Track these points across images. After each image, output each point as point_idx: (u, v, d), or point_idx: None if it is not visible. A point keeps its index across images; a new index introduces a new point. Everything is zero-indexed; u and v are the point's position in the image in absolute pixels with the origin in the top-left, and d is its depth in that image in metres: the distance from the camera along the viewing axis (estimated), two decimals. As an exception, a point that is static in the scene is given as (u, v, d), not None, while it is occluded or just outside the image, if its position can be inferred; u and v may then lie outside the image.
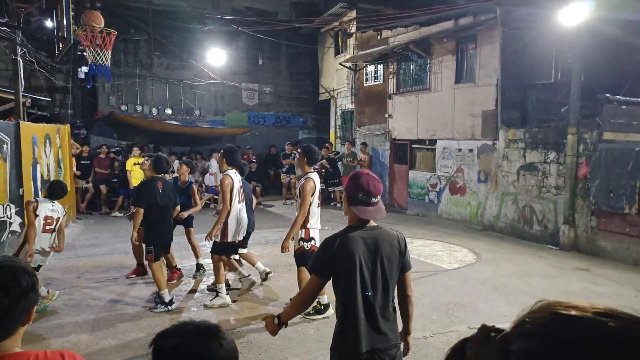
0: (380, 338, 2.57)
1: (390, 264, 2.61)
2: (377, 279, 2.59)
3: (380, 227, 2.69)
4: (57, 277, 6.95)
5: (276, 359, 4.44)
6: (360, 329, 2.54)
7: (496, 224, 10.67)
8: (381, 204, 2.68)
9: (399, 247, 2.64)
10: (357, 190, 2.62)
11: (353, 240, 2.58)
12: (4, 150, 7.47)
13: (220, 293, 5.90)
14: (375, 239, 2.60)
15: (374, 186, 2.61)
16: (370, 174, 2.69)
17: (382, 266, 2.58)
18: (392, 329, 2.64)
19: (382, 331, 2.58)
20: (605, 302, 2.77)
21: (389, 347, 2.60)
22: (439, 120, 12.28)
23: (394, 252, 2.62)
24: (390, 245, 2.62)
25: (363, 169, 3.83)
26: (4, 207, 7.37)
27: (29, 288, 1.45)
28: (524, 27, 10.15)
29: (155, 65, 16.47)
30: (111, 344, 4.73)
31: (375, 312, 2.57)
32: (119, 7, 15.15)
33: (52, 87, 14.67)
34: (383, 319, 2.59)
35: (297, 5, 18.28)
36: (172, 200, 6.06)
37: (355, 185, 2.64)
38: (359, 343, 2.53)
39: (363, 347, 2.53)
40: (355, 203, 2.63)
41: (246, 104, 18.09)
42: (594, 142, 8.54)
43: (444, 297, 6.21)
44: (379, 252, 2.58)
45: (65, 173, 10.81)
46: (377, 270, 2.58)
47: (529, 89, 10.70)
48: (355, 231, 2.62)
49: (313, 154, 5.38)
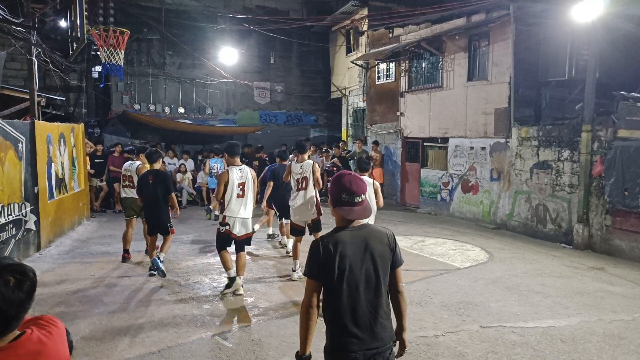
0: (374, 339, 2.51)
1: (382, 261, 2.56)
2: (368, 278, 2.53)
3: (368, 225, 2.65)
4: (71, 274, 7.03)
5: (287, 356, 4.45)
6: (352, 330, 2.49)
7: (509, 223, 10.59)
8: (367, 203, 2.64)
9: (388, 244, 2.59)
10: (340, 191, 2.58)
11: (340, 241, 2.52)
12: (19, 149, 7.57)
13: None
14: (364, 238, 2.55)
15: (356, 185, 2.57)
16: (352, 174, 2.65)
17: (373, 264, 2.53)
18: (386, 329, 2.56)
19: (375, 332, 2.52)
20: (621, 302, 2.75)
21: (383, 350, 2.53)
22: (451, 118, 12.21)
23: (384, 249, 2.57)
24: (380, 242, 2.57)
25: (344, 170, 3.80)
26: (20, 205, 7.47)
27: (35, 282, 1.66)
28: (537, 23, 10.04)
29: (168, 64, 16.59)
30: (124, 341, 4.78)
31: (367, 313, 2.52)
32: (131, 7, 15.27)
33: (66, 87, 14.86)
34: (375, 320, 2.52)
35: (309, 3, 18.28)
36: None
37: (337, 186, 2.61)
38: (351, 346, 2.48)
39: (355, 349, 2.48)
40: (340, 204, 2.59)
41: (258, 102, 18.14)
42: (608, 140, 8.43)
43: (456, 296, 6.17)
44: (369, 251, 2.53)
45: (79, 171, 10.93)
46: (369, 269, 2.53)
47: (543, 86, 10.59)
48: (342, 232, 2.57)
49: (232, 148, 6.15)
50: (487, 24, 10.82)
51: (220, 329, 5.12)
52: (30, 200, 7.86)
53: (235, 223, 6.10)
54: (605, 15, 8.23)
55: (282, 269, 7.39)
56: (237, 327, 5.20)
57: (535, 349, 4.61)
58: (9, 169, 7.16)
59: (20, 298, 1.58)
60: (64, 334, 1.76)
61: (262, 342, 4.79)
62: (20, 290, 1.58)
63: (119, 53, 10.34)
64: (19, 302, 1.58)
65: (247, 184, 6.13)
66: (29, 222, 7.80)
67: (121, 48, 10.35)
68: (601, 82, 8.89)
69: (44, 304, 5.68)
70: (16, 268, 1.61)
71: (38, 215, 8.12)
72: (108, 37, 10.16)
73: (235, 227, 6.10)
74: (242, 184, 6.09)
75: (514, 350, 4.59)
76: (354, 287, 2.51)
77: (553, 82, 10.41)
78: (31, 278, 1.63)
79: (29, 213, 7.80)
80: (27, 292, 1.61)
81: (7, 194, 7.06)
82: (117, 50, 10.28)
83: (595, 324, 5.25)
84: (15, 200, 7.31)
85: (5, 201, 6.98)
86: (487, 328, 5.13)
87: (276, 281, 6.82)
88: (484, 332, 5.04)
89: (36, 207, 8.07)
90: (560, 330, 5.06)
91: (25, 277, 1.61)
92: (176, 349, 4.61)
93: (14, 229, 7.24)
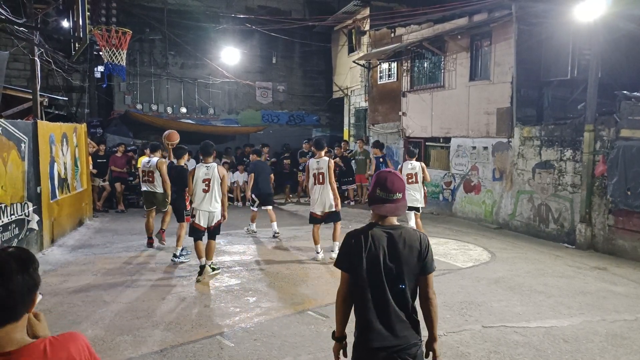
0: (396, 337, 2.52)
1: (408, 264, 2.56)
2: (393, 278, 2.54)
3: (402, 226, 2.65)
4: (74, 273, 7.05)
5: (289, 356, 4.46)
6: (373, 326, 2.51)
7: (511, 223, 10.57)
8: (402, 201, 2.65)
9: (419, 249, 2.59)
10: (376, 186, 2.62)
11: (371, 236, 2.56)
12: (22, 149, 7.59)
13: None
14: (396, 238, 2.56)
15: (391, 182, 2.59)
16: (392, 171, 2.68)
17: (398, 265, 2.54)
18: (410, 329, 2.57)
19: (397, 331, 2.53)
20: (623, 302, 2.75)
21: (408, 347, 2.54)
22: (453, 117, 12.20)
23: (413, 252, 2.57)
24: (410, 246, 2.57)
25: (386, 169, 3.82)
26: (22, 205, 7.49)
27: (38, 274, 1.58)
28: (539, 23, 10.02)
29: (170, 65, 16.60)
30: (127, 340, 4.79)
31: (391, 312, 2.53)
32: (134, 7, 15.29)
33: (68, 87, 14.88)
34: (398, 319, 2.53)
35: (311, 3, 18.29)
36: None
37: (375, 182, 2.65)
38: (374, 342, 2.51)
39: (376, 344, 2.50)
40: (374, 200, 2.62)
41: (260, 102, 18.15)
42: (611, 140, 8.41)
43: (458, 296, 6.17)
44: (397, 251, 2.54)
45: (82, 171, 10.95)
46: (395, 270, 2.53)
47: (545, 85, 10.58)
48: (374, 228, 2.59)
49: (203, 147, 6.94)
50: (489, 23, 10.80)
51: (222, 329, 5.12)
52: (33, 200, 7.88)
53: (200, 215, 6.77)
54: (607, 15, 8.22)
55: (284, 269, 7.39)
56: (239, 327, 5.20)
57: (537, 349, 4.60)
58: (12, 169, 7.17)
59: (18, 281, 1.50)
60: (80, 349, 1.63)
61: (264, 342, 4.80)
62: (20, 273, 1.52)
63: (121, 53, 10.36)
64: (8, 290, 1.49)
65: (213, 180, 6.74)
66: (32, 221, 7.82)
67: (123, 48, 10.36)
68: (603, 82, 8.86)
69: (47, 304, 5.69)
70: (18, 251, 1.58)
71: (41, 215, 8.14)
72: (110, 37, 10.18)
73: (200, 219, 6.78)
74: (208, 180, 6.74)
75: (516, 350, 4.59)
76: (379, 284, 2.53)
77: (555, 82, 10.39)
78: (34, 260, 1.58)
79: (32, 213, 7.81)
80: (31, 274, 1.55)
81: (10, 193, 7.07)
82: (120, 50, 10.30)
83: (598, 324, 5.25)
84: (18, 200, 7.32)
85: (8, 201, 6.99)
86: (490, 328, 5.13)
87: (278, 281, 6.82)
88: (486, 332, 5.03)
89: (39, 207, 8.09)
90: (562, 330, 5.05)
91: (29, 257, 1.57)
92: (178, 348, 4.62)
93: (17, 228, 7.26)
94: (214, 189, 6.76)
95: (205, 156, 6.91)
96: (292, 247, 8.89)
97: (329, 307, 5.75)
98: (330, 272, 7.20)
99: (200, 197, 6.75)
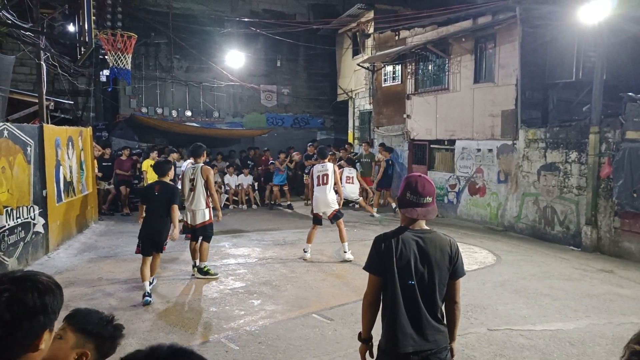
0: (426, 342, 2.53)
1: (439, 269, 2.55)
2: (424, 282, 2.54)
3: (433, 230, 2.64)
4: (79, 277, 7.07)
5: (294, 359, 4.45)
6: (406, 330, 2.51)
7: (516, 225, 10.54)
8: (434, 205, 2.63)
9: (449, 253, 2.59)
10: (406, 189, 2.60)
11: (401, 240, 2.55)
12: (28, 152, 7.63)
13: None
14: (426, 242, 2.56)
15: (422, 186, 2.58)
16: (421, 175, 2.67)
17: (429, 270, 2.53)
18: (441, 333, 2.59)
19: (428, 335, 2.53)
20: (630, 304, 2.73)
21: (438, 350, 2.55)
22: (457, 120, 12.18)
23: (444, 257, 2.57)
24: (441, 250, 2.57)
25: (415, 173, 3.82)
26: (28, 209, 7.53)
27: (39, 309, 1.32)
28: (544, 25, 10.00)
29: (175, 68, 16.68)
30: (132, 343, 4.79)
31: (422, 316, 2.53)
32: (139, 12, 15.37)
33: (74, 91, 14.98)
34: (429, 324, 2.54)
35: (315, 6, 18.32)
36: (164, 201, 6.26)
37: (404, 186, 2.63)
38: (407, 347, 2.50)
39: (409, 349, 2.50)
40: (404, 204, 2.61)
41: (265, 105, 18.19)
42: (616, 142, 8.38)
43: (463, 298, 6.08)
44: (427, 256, 2.54)
45: (88, 175, 11.00)
46: (426, 274, 2.53)
47: (550, 88, 10.54)
48: (404, 232, 2.58)
49: (193, 149, 7.22)
50: (494, 26, 10.79)
51: (226, 332, 5.13)
52: (39, 203, 7.92)
53: (187, 213, 7.14)
54: (612, 17, 8.19)
55: (289, 272, 7.40)
56: (244, 330, 5.20)
57: (543, 352, 4.58)
58: (18, 173, 7.22)
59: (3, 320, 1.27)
60: None
61: (269, 345, 4.80)
62: (7, 311, 1.28)
63: (127, 57, 10.42)
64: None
65: (197, 179, 7.01)
66: (38, 225, 7.86)
67: (129, 52, 10.43)
68: (609, 84, 8.83)
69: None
70: (18, 283, 1.32)
71: (46, 218, 8.18)
72: (116, 41, 10.25)
73: (187, 216, 7.13)
74: (192, 179, 7.06)
75: (522, 353, 4.57)
76: (410, 288, 2.53)
77: (560, 84, 10.36)
78: (28, 301, 1.30)
79: (38, 216, 7.85)
80: (22, 315, 1.29)
81: (16, 197, 7.12)
82: (125, 54, 10.36)
83: (604, 327, 5.21)
84: (23, 204, 7.37)
85: (14, 204, 7.04)
86: (495, 331, 5.11)
87: (283, 284, 6.82)
88: (491, 335, 5.01)
89: (44, 210, 8.13)
90: (568, 334, 5.03)
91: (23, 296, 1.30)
92: (183, 351, 4.62)
93: (23, 231, 7.30)
94: (198, 188, 7.05)
95: (195, 157, 7.27)
96: (296, 250, 8.88)
97: (334, 310, 5.75)
98: (335, 275, 7.20)
99: (187, 195, 7.15)
